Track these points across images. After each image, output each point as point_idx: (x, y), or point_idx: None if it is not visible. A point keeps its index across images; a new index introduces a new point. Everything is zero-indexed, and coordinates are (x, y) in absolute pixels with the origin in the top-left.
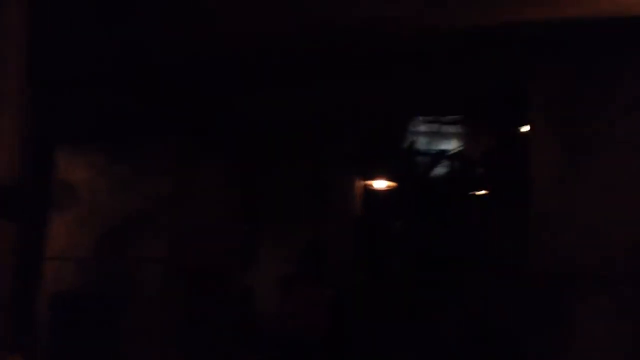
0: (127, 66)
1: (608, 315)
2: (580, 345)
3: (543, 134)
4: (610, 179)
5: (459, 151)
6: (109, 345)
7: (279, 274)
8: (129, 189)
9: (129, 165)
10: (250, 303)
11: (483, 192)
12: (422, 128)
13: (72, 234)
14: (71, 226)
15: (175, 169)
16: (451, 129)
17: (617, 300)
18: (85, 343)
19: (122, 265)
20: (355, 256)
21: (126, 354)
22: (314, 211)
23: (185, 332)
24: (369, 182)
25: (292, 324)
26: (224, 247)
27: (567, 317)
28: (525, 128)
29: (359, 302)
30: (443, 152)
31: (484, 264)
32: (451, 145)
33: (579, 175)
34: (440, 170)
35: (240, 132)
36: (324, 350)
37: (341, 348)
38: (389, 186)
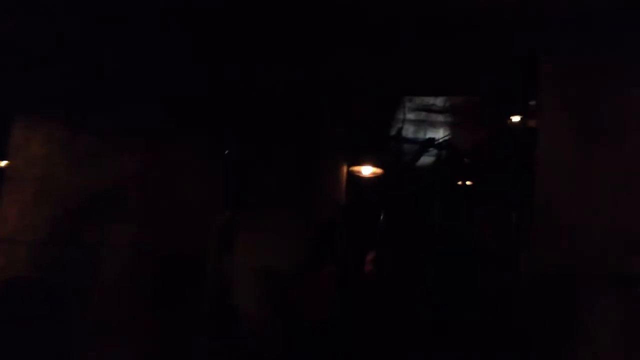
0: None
1: (618, 318)
2: (586, 348)
3: (553, 116)
4: (630, 166)
5: (448, 140)
6: (66, 338)
7: (260, 263)
8: (92, 165)
9: (93, 139)
10: (228, 292)
11: (472, 182)
12: (411, 116)
13: (25, 214)
14: (24, 205)
15: (146, 143)
16: (440, 117)
17: (630, 302)
18: (38, 335)
19: (82, 251)
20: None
21: (84, 347)
22: (300, 196)
23: (152, 326)
24: (355, 168)
25: (304, 308)
26: (201, 233)
27: (572, 320)
28: (516, 118)
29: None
30: (431, 140)
31: (475, 256)
32: (440, 134)
33: (593, 163)
34: (428, 158)
35: (224, 107)
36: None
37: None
38: (375, 173)
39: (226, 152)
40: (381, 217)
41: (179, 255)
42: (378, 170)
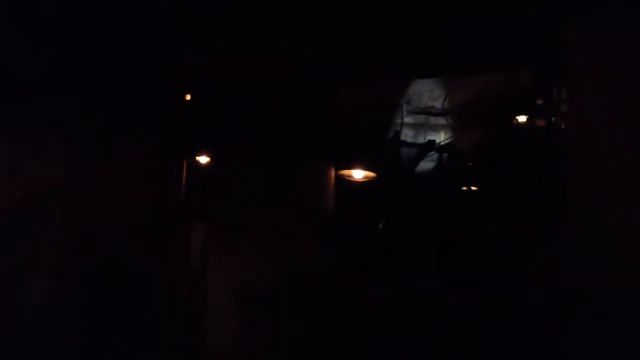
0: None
1: None
2: None
3: (584, 92)
4: None
5: (449, 143)
6: None
7: (235, 286)
8: (8, 175)
9: (8, 144)
10: (196, 325)
11: (476, 186)
12: (409, 119)
13: None
14: None
15: (72, 145)
16: (440, 120)
17: None
18: None
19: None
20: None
21: None
22: (277, 207)
23: None
24: (344, 172)
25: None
26: (150, 251)
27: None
28: (522, 118)
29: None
30: (432, 143)
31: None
32: (440, 137)
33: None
34: (428, 163)
35: (175, 96)
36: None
37: None
38: (367, 177)
39: (185, 156)
40: (380, 226)
41: (121, 278)
42: (371, 174)
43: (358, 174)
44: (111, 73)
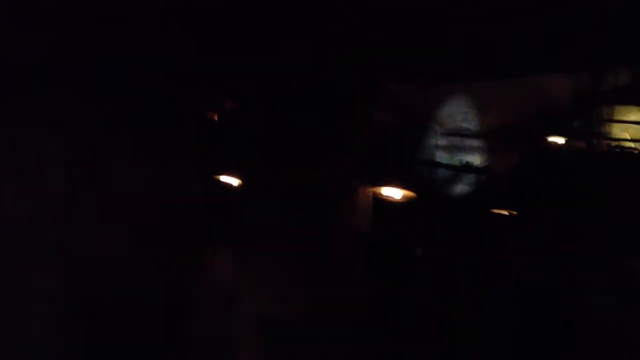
0: None
1: None
2: None
3: None
4: None
5: (486, 165)
6: None
7: (265, 313)
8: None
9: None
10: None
11: (514, 210)
12: (443, 142)
13: None
14: None
15: (73, 154)
16: (475, 142)
17: None
18: None
19: None
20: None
21: None
22: (310, 227)
23: None
24: (381, 191)
25: None
26: (162, 272)
27: None
28: (559, 139)
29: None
30: (467, 165)
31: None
32: (476, 159)
33: None
34: (463, 185)
35: (198, 105)
36: None
37: None
38: (406, 197)
39: (206, 166)
40: (417, 250)
41: (129, 302)
42: (410, 194)
43: (396, 194)
44: (112, 73)
